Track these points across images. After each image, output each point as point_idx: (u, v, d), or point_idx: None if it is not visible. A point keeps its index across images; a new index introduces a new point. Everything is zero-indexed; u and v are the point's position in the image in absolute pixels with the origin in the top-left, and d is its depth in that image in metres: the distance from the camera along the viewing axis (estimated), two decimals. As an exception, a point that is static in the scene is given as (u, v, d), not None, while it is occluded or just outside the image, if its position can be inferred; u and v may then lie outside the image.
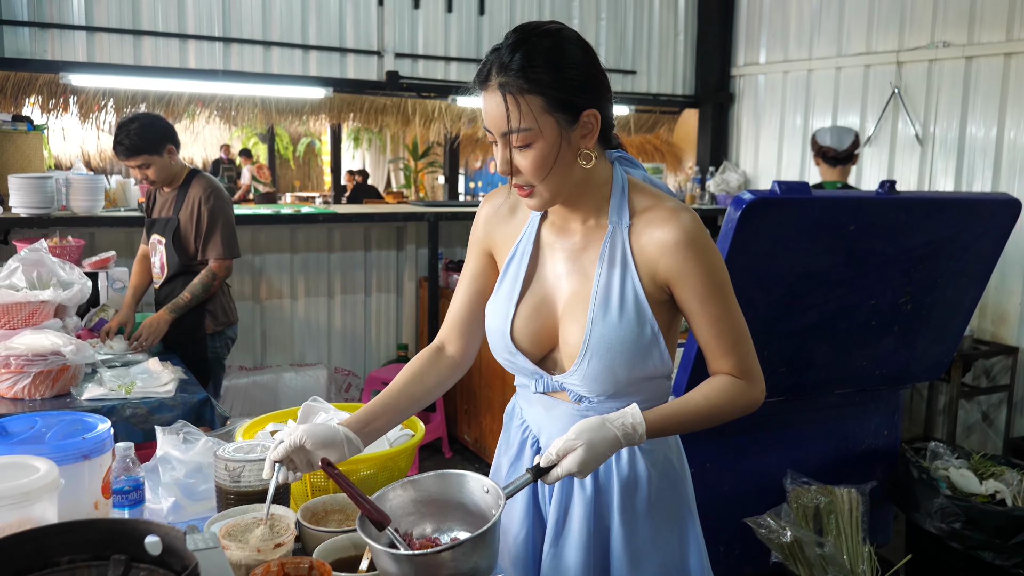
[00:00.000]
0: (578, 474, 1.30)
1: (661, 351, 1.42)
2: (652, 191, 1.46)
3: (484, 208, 1.61)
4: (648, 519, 1.48)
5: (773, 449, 3.14)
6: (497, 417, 4.40)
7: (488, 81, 1.33)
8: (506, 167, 1.37)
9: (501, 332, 1.50)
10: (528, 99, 1.30)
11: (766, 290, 2.72)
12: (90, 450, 1.39)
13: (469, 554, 1.17)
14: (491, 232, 1.59)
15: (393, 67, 5.19)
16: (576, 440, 1.30)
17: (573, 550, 1.48)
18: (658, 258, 1.39)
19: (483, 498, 1.31)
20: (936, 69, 4.87)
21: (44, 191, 3.96)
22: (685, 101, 6.39)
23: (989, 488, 2.96)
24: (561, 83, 1.31)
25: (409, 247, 5.30)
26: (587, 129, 1.36)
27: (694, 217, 1.41)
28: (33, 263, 2.93)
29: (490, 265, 1.60)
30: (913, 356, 3.22)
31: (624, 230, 1.42)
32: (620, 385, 1.43)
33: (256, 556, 1.25)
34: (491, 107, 1.34)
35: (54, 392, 2.61)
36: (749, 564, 3.09)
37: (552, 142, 1.33)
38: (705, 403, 1.42)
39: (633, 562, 1.47)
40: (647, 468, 1.48)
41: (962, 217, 2.91)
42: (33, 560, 0.99)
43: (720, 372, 1.45)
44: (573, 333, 1.44)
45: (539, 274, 1.51)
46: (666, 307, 1.44)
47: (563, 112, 1.33)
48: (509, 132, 1.33)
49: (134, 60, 4.51)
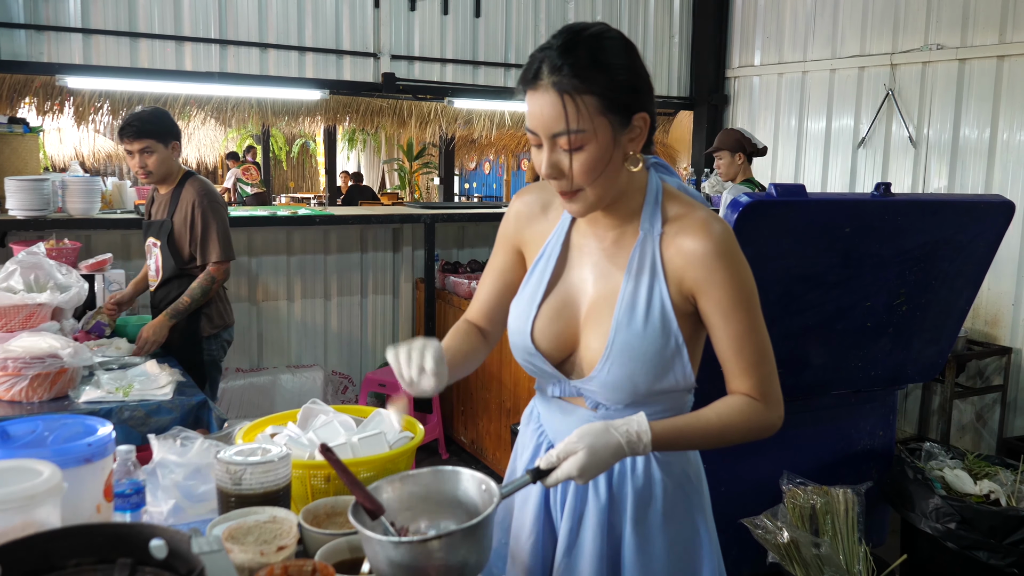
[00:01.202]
0: (578, 479, 1.28)
1: (684, 364, 1.40)
2: (686, 199, 1.43)
3: (516, 204, 1.58)
4: (662, 530, 1.46)
5: (769, 450, 3.15)
6: (494, 419, 4.41)
7: (539, 80, 1.29)
8: (553, 171, 1.32)
9: (521, 332, 1.48)
10: (584, 99, 1.27)
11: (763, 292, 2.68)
12: (92, 453, 1.39)
13: (457, 546, 1.16)
14: (521, 229, 1.56)
15: (389, 69, 5.20)
16: (577, 443, 1.28)
17: (586, 560, 1.46)
18: (685, 267, 1.37)
19: (480, 495, 1.30)
20: (930, 71, 4.90)
21: (40, 193, 3.96)
22: (680, 103, 6.41)
23: (983, 488, 2.98)
24: (615, 84, 1.28)
25: (405, 249, 5.30)
26: (636, 132, 1.33)
27: (726, 228, 1.38)
28: (31, 266, 2.93)
29: (518, 261, 1.58)
30: (908, 357, 3.23)
31: (656, 238, 1.39)
32: (639, 395, 1.40)
33: (259, 559, 1.25)
34: (543, 107, 1.29)
35: (52, 395, 2.61)
36: (746, 565, 3.10)
37: (605, 145, 1.30)
38: (717, 421, 1.38)
39: (645, 573, 1.45)
40: (663, 479, 1.46)
41: (957, 219, 2.93)
42: (39, 564, 1.00)
43: (738, 392, 1.41)
44: (595, 338, 1.41)
45: (565, 276, 1.48)
46: (692, 319, 1.40)
47: (617, 114, 1.30)
48: (561, 134, 1.29)
49: (130, 62, 4.50)
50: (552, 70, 1.27)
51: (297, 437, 1.84)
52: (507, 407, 4.24)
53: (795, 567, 2.87)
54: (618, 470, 1.46)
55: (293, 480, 1.62)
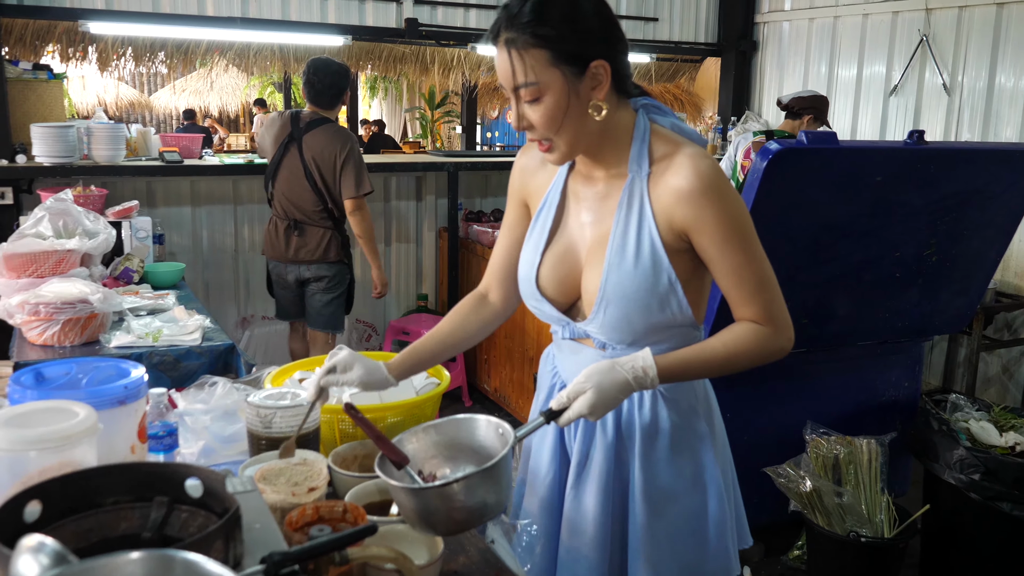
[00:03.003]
0: (589, 416, 1.32)
1: (679, 300, 1.41)
2: (673, 138, 1.44)
3: (520, 159, 1.63)
4: (669, 465, 1.50)
5: (793, 400, 3.16)
6: (517, 367, 4.43)
7: (497, 38, 1.35)
8: (521, 122, 1.38)
9: (528, 279, 1.54)
10: (533, 53, 1.32)
11: (791, 241, 2.70)
12: (126, 396, 1.41)
13: (475, 488, 1.20)
14: (526, 183, 1.61)
15: (412, 14, 5.12)
16: (585, 383, 1.33)
17: (592, 494, 1.51)
18: (674, 206, 1.38)
19: (498, 439, 1.34)
20: (966, 16, 4.76)
21: (67, 140, 3.97)
22: (707, 49, 6.28)
23: (1009, 440, 2.96)
24: (567, 35, 1.32)
25: (428, 198, 5.29)
26: (596, 81, 1.36)
27: (712, 163, 1.39)
28: (59, 212, 2.95)
29: (526, 215, 1.63)
30: (936, 308, 3.20)
31: (643, 178, 1.42)
32: (638, 333, 1.44)
33: (291, 499, 1.27)
34: (500, 64, 1.36)
35: (83, 339, 2.65)
36: (767, 513, 3.12)
37: (559, 95, 1.34)
38: (723, 349, 1.41)
39: (652, 507, 1.49)
40: (669, 415, 1.50)
41: (990, 168, 2.87)
42: (78, 501, 1.02)
43: (743, 319, 1.43)
44: (592, 281, 1.45)
45: (565, 223, 1.53)
46: (686, 256, 1.42)
47: (569, 64, 1.33)
48: (518, 87, 1.34)
49: (152, 7, 4.47)
50: (505, 27, 1.33)
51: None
52: (530, 355, 4.25)
53: (816, 515, 2.89)
54: (626, 407, 1.51)
55: (322, 424, 1.64)
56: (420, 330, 4.68)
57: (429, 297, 5.34)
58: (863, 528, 2.83)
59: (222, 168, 4.55)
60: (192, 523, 1.03)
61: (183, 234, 4.66)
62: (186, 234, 4.67)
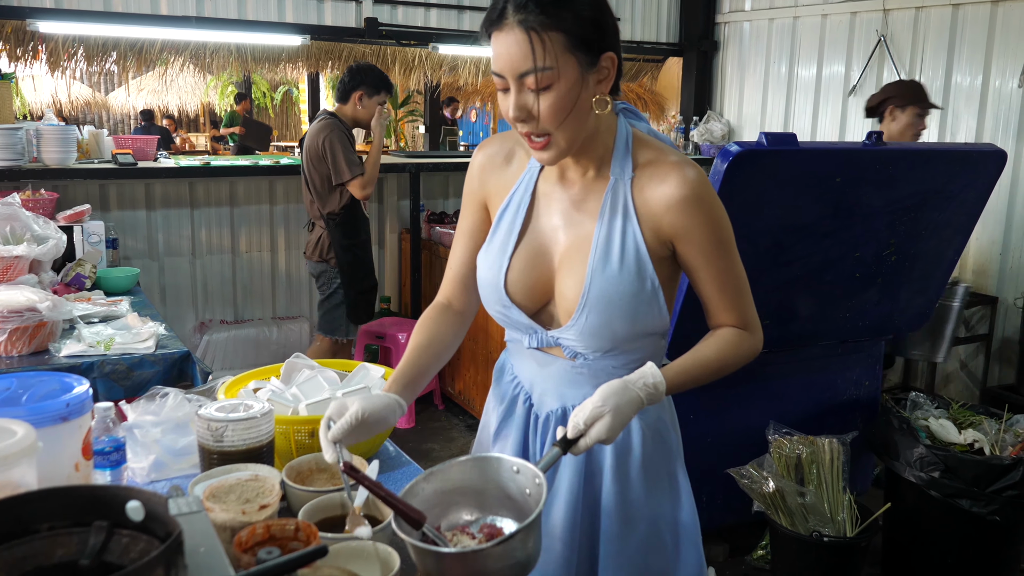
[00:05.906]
0: (606, 441, 1.26)
1: (660, 307, 1.39)
2: (656, 144, 1.42)
3: (478, 156, 1.54)
4: (641, 477, 1.47)
5: (756, 400, 3.16)
6: (480, 370, 4.40)
7: (504, 19, 1.25)
8: (521, 112, 1.28)
9: (494, 284, 1.46)
10: (551, 36, 1.23)
11: (752, 243, 2.70)
12: (68, 412, 1.36)
13: (522, 543, 1.11)
14: (486, 181, 1.53)
15: (372, 14, 5.07)
16: (603, 407, 1.26)
17: (559, 509, 1.46)
18: (662, 214, 1.36)
19: (513, 479, 1.25)
20: (923, 17, 4.82)
21: (15, 142, 3.86)
22: (669, 49, 6.30)
23: (968, 437, 3.00)
24: (582, 20, 1.25)
25: (390, 199, 5.24)
26: (604, 73, 1.31)
27: (699, 172, 1.37)
28: (6, 217, 2.86)
29: (486, 219, 1.54)
30: (896, 307, 3.23)
31: (627, 182, 1.38)
32: (617, 341, 1.39)
33: (241, 518, 1.23)
34: (509, 47, 1.25)
35: (31, 349, 2.56)
36: (731, 514, 3.13)
37: (572, 83, 1.27)
38: (715, 356, 1.41)
39: (624, 521, 1.46)
40: (640, 427, 1.46)
41: (948, 168, 2.90)
42: (12, 527, 0.97)
43: (723, 325, 1.44)
44: (570, 287, 1.40)
45: (534, 225, 1.46)
46: (667, 263, 1.40)
47: (584, 52, 1.27)
48: (528, 72, 1.25)
49: (104, 6, 4.37)
50: (517, 8, 1.24)
51: (280, 392, 1.81)
52: (493, 358, 4.22)
53: (780, 516, 2.89)
54: None
55: (276, 436, 1.60)
56: (395, 334, 4.62)
57: (392, 299, 5.29)
58: (826, 527, 2.84)
59: (177, 171, 4.46)
60: (133, 548, 0.98)
61: (138, 238, 4.57)
62: (141, 238, 4.58)
